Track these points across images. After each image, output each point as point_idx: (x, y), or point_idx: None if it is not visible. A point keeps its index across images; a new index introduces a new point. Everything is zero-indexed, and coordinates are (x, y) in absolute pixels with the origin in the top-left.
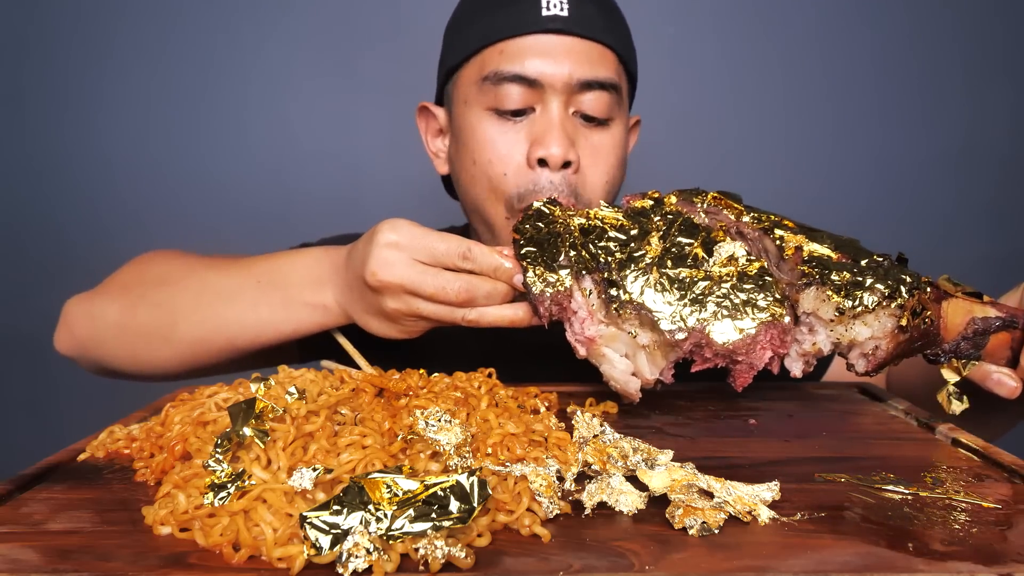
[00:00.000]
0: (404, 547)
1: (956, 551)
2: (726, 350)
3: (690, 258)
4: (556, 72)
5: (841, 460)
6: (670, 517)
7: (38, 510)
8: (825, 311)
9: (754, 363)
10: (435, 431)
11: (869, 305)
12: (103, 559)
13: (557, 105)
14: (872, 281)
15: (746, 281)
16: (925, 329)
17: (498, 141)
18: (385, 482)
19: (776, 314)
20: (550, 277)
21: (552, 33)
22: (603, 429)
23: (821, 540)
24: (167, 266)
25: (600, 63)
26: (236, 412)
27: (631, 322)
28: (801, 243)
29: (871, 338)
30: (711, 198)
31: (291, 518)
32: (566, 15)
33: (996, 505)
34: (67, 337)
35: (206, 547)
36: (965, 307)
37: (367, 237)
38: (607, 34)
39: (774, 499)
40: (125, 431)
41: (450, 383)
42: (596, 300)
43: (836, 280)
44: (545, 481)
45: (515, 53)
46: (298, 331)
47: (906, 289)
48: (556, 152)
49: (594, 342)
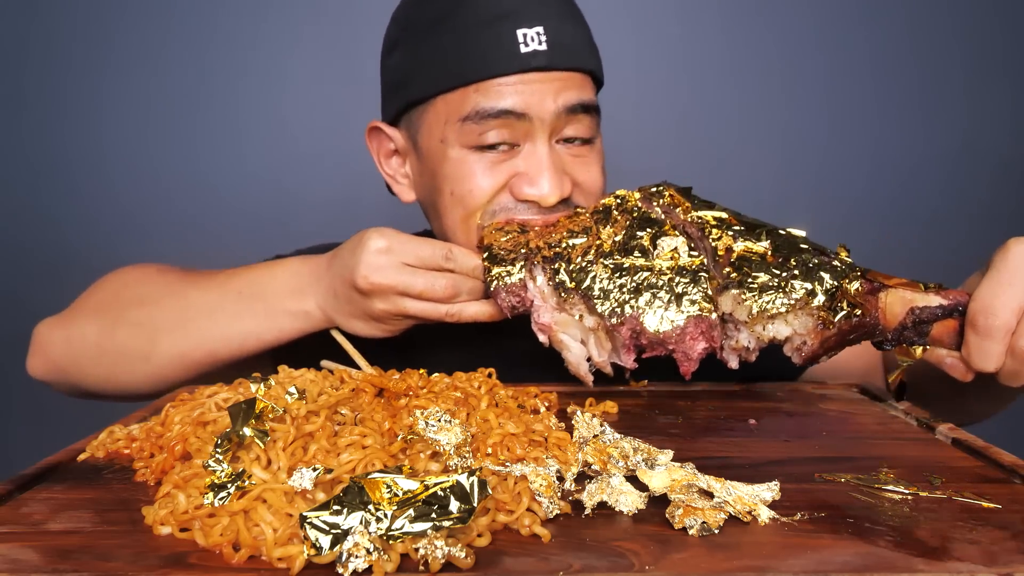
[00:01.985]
0: (404, 547)
1: (956, 551)
2: (657, 338)
3: (636, 249)
4: (543, 106)
5: (841, 460)
6: (670, 517)
7: (38, 510)
8: (740, 313)
9: (688, 352)
10: (435, 431)
11: (780, 308)
12: (103, 559)
13: (543, 140)
14: (789, 284)
15: (683, 275)
16: (857, 323)
17: (478, 175)
18: (385, 482)
19: (704, 309)
20: (503, 272)
21: (534, 71)
22: (603, 429)
23: (821, 540)
24: (144, 284)
25: (582, 87)
26: (236, 412)
27: (578, 307)
28: (730, 244)
29: (795, 335)
30: (667, 195)
31: (291, 518)
32: (545, 49)
33: (996, 505)
34: (41, 361)
35: (206, 547)
36: (904, 297)
37: (353, 245)
38: (584, 58)
39: (774, 499)
40: (125, 431)
41: (450, 383)
42: (547, 288)
43: (752, 284)
44: (545, 481)
45: (494, 92)
46: (280, 339)
47: (823, 289)
48: (548, 192)
49: (551, 328)
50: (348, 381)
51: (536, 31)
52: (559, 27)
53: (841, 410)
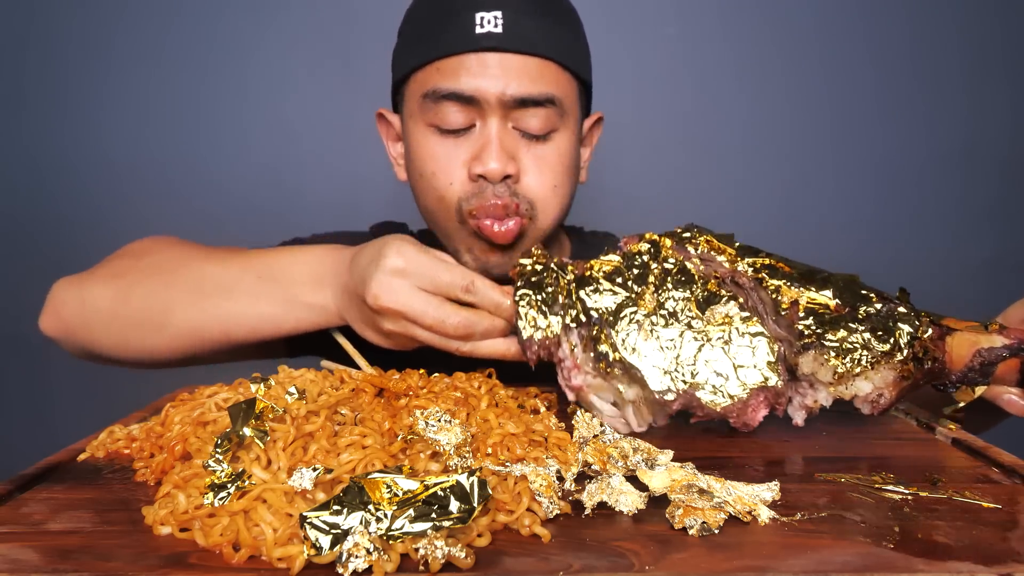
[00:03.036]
0: (404, 547)
1: (956, 551)
2: (716, 412)
3: (683, 315)
4: (490, 89)
5: (841, 460)
6: (670, 517)
7: (38, 510)
8: (823, 374)
9: (747, 422)
10: (435, 431)
11: (866, 365)
12: (103, 559)
13: (495, 121)
14: (869, 337)
15: (739, 342)
16: (930, 369)
17: (440, 156)
18: (385, 482)
19: (768, 380)
20: (541, 322)
21: (486, 51)
22: (603, 429)
23: (821, 540)
24: (164, 254)
25: (538, 78)
26: (236, 412)
27: (619, 379)
28: (797, 297)
29: (874, 389)
30: (704, 242)
31: (291, 518)
32: (500, 32)
33: (996, 505)
34: (53, 319)
35: (206, 547)
36: (970, 339)
37: (372, 255)
38: (546, 47)
39: (774, 499)
40: (125, 431)
41: (450, 383)
42: (581, 354)
43: (832, 341)
44: (545, 481)
45: (450, 71)
46: (297, 328)
47: (905, 342)
48: (493, 167)
49: (582, 390)
50: (348, 381)
51: (494, 15)
52: (518, 15)
53: (841, 410)
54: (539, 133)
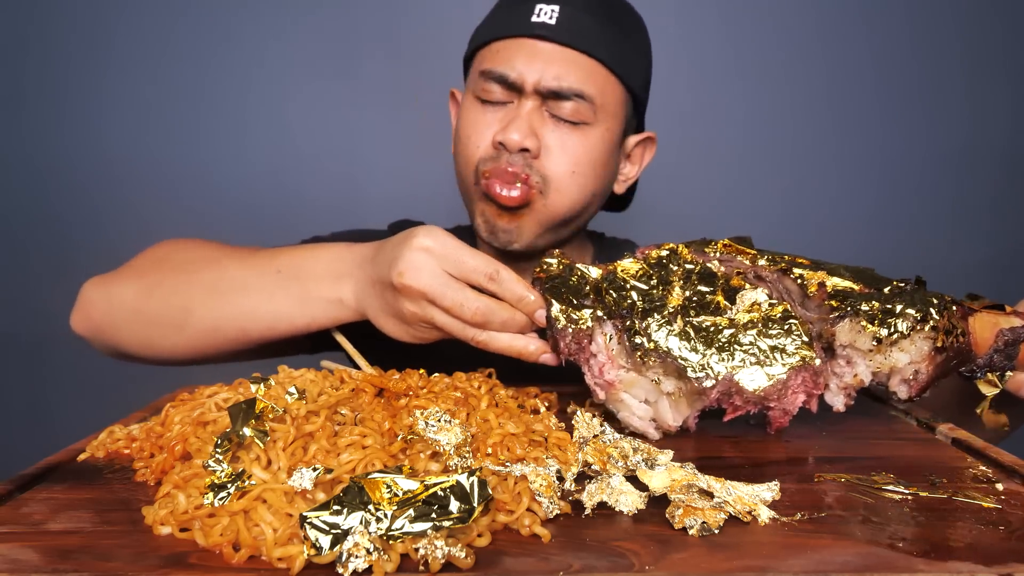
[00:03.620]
0: (404, 547)
1: (956, 551)
2: (757, 396)
3: (712, 306)
4: (530, 75)
5: (841, 460)
6: (670, 517)
7: (38, 510)
8: (862, 342)
9: (787, 408)
10: (435, 431)
11: (904, 331)
12: (103, 559)
13: (529, 102)
14: (902, 307)
15: (771, 326)
16: (959, 347)
17: (477, 122)
18: (385, 482)
19: (806, 357)
20: (573, 315)
21: (537, 39)
22: (603, 429)
23: (821, 540)
24: (187, 254)
25: (576, 73)
26: (236, 412)
27: (655, 369)
28: (823, 279)
29: (910, 363)
30: (722, 246)
31: (291, 518)
32: (553, 23)
33: (996, 505)
34: (83, 318)
35: (206, 547)
36: (991, 320)
37: (401, 238)
38: (595, 46)
39: (774, 499)
40: (125, 431)
41: (450, 383)
42: (616, 346)
43: (867, 310)
44: (545, 481)
45: (503, 54)
46: (311, 325)
47: (936, 310)
48: (514, 138)
49: (614, 386)
50: (348, 381)
51: (552, 8)
52: (576, 11)
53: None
54: (569, 119)
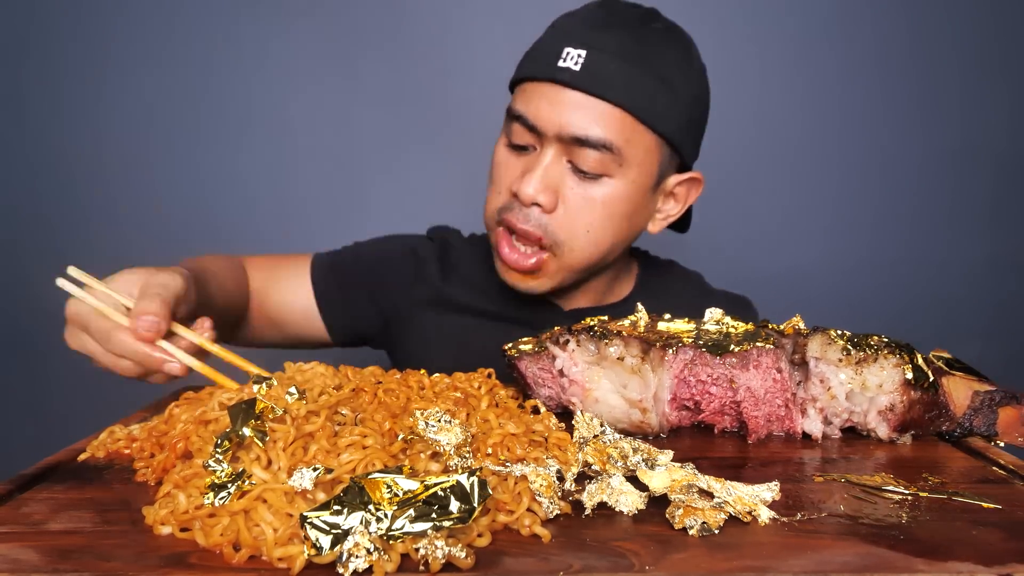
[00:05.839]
0: (404, 547)
1: (956, 551)
2: (724, 362)
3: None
4: (551, 121)
5: (841, 460)
6: (670, 517)
7: (38, 510)
8: (832, 353)
9: (753, 389)
10: (435, 431)
11: (872, 350)
12: (103, 559)
13: (551, 151)
14: (876, 338)
15: (742, 332)
16: (933, 399)
17: (502, 165)
18: (385, 482)
19: (774, 343)
20: (525, 348)
21: (560, 85)
22: (603, 429)
23: (821, 540)
24: None
25: (599, 122)
26: (236, 412)
27: (615, 345)
28: (796, 322)
29: (883, 391)
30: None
31: (291, 518)
32: (577, 69)
33: (996, 505)
34: None
35: (206, 547)
36: (964, 383)
37: None
38: (620, 94)
39: (774, 499)
40: (125, 431)
41: (450, 383)
42: (575, 346)
43: (839, 332)
44: (545, 481)
45: (529, 96)
46: None
47: (905, 350)
48: (528, 192)
49: (584, 388)
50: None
51: (579, 52)
52: (603, 56)
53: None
54: (591, 172)
